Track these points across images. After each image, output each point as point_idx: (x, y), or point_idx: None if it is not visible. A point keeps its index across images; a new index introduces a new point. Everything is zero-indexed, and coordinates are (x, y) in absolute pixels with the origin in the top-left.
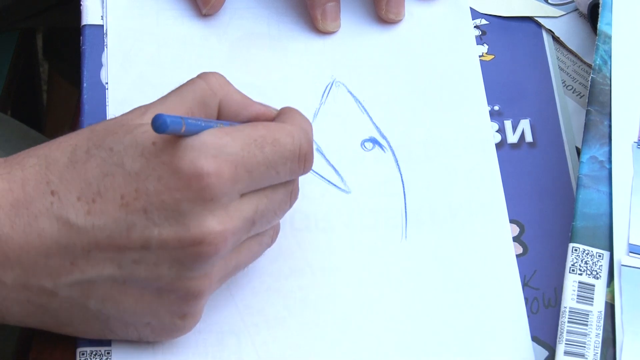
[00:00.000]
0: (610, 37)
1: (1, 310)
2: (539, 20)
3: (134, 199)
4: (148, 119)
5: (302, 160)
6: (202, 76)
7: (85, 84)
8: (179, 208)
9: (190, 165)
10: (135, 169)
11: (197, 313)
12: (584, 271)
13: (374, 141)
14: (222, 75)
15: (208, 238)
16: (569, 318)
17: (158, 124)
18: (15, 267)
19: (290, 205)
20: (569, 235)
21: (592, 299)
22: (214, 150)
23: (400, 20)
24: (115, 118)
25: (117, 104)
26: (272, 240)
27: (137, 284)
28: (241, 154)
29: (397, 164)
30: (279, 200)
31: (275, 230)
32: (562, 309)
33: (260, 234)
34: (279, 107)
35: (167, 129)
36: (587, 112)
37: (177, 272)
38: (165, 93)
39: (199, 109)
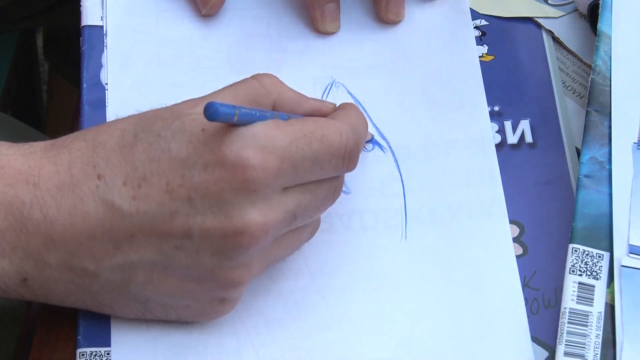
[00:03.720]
0: (610, 38)
1: (44, 289)
2: (539, 20)
3: (178, 185)
4: (199, 110)
5: (347, 158)
6: (255, 77)
7: (85, 85)
8: (223, 198)
9: (237, 155)
10: (182, 155)
11: (237, 299)
12: (584, 272)
13: (373, 142)
14: (275, 76)
15: (250, 229)
16: (568, 319)
17: (210, 111)
18: (59, 248)
19: (334, 201)
20: (569, 235)
21: (592, 299)
22: (262, 142)
23: (400, 21)
24: (166, 107)
25: (117, 105)
26: (311, 235)
27: (178, 270)
28: (289, 148)
29: (397, 165)
30: (322, 196)
31: (315, 226)
32: (562, 309)
33: (300, 228)
34: None
35: (219, 117)
36: (587, 113)
37: (217, 261)
38: (165, 93)
39: (251, 107)
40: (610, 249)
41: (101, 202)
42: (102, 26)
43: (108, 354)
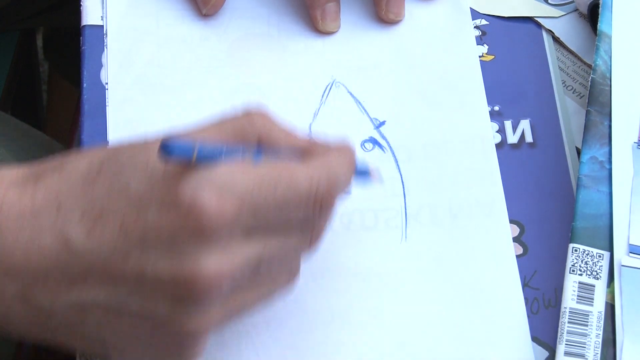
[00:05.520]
0: (610, 37)
1: (6, 323)
2: (539, 20)
3: (133, 225)
4: None
5: (318, 205)
6: (246, 113)
7: (85, 84)
8: (176, 242)
9: (192, 197)
10: (139, 192)
11: (197, 353)
12: (584, 271)
13: (373, 142)
14: (268, 113)
15: (201, 279)
16: (569, 318)
17: (165, 149)
18: (17, 280)
19: (311, 248)
20: (569, 235)
21: (592, 299)
22: (220, 184)
23: (400, 21)
24: (146, 137)
25: (117, 104)
26: (288, 282)
27: (132, 315)
28: (250, 191)
29: (397, 165)
30: (292, 246)
31: (293, 273)
32: (562, 309)
33: (270, 276)
34: (279, 108)
35: (172, 154)
36: (587, 113)
37: (171, 310)
38: (165, 93)
39: (237, 141)
40: (610, 249)
41: (58, 235)
42: (102, 26)
43: None
